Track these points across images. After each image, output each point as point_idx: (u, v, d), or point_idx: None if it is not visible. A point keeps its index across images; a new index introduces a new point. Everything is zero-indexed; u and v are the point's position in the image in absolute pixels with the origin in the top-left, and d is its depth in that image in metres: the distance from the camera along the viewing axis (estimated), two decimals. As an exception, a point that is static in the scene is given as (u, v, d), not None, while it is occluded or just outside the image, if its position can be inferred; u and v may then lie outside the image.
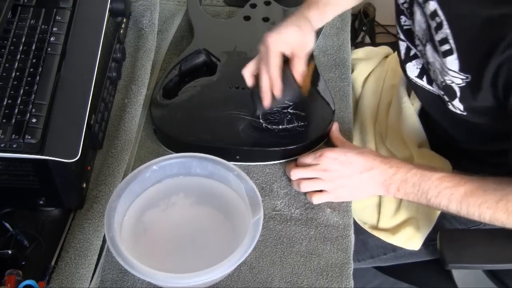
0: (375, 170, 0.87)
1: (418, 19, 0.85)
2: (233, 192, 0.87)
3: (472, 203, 0.82)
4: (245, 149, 0.95)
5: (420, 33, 0.86)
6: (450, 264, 0.89)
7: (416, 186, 0.84)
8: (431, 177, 0.84)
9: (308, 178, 0.91)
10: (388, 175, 0.86)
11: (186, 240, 0.85)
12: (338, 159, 0.88)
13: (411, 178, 0.85)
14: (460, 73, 0.80)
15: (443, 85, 0.85)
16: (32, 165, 0.79)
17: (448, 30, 0.80)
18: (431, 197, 0.84)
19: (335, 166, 0.88)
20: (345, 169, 0.88)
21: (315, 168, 0.89)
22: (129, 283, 0.84)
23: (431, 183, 0.83)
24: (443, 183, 0.83)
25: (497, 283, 1.02)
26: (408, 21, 0.92)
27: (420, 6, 0.84)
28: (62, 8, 0.91)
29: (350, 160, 0.88)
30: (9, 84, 0.83)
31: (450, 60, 0.81)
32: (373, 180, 0.87)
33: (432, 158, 1.00)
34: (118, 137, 0.96)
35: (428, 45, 0.85)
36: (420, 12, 0.84)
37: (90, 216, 0.86)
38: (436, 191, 0.83)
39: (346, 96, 1.07)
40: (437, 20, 0.81)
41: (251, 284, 0.84)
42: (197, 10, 1.17)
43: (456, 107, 0.86)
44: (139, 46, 1.08)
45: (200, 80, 1.03)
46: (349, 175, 0.88)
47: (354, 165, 0.88)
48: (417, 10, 0.85)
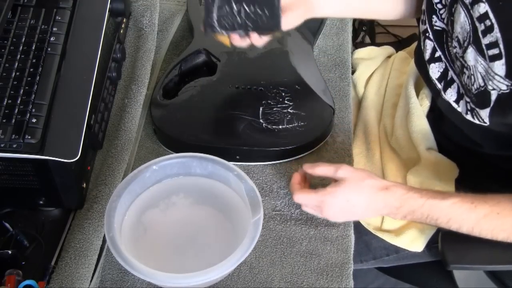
0: (379, 205, 0.85)
1: (462, 20, 0.82)
2: (233, 192, 0.87)
3: (485, 228, 0.81)
4: (245, 149, 0.95)
5: (462, 35, 0.83)
6: (451, 265, 0.89)
7: (424, 215, 0.83)
8: (440, 204, 0.82)
9: None
10: (394, 207, 0.84)
11: (186, 240, 0.85)
12: (340, 206, 0.85)
13: (419, 209, 0.83)
14: (506, 79, 0.79)
15: (478, 91, 0.83)
16: (32, 165, 0.79)
17: (499, 34, 0.77)
18: (440, 222, 0.83)
19: (337, 210, 0.86)
20: (347, 212, 0.87)
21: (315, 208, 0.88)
22: (129, 283, 0.84)
23: (440, 211, 0.82)
24: (454, 210, 0.82)
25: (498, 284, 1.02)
26: (439, 22, 0.90)
27: (467, 7, 0.81)
28: (62, 8, 0.91)
29: (352, 203, 0.85)
30: (9, 84, 0.83)
31: (497, 64, 0.78)
32: (377, 213, 0.88)
33: (439, 161, 0.99)
34: (118, 137, 0.96)
35: (470, 48, 0.82)
36: (465, 14, 0.82)
37: (90, 216, 0.86)
38: (446, 218, 0.82)
39: (346, 96, 1.07)
40: (487, 24, 0.78)
41: (251, 284, 0.84)
42: (197, 10, 1.17)
43: (480, 116, 0.85)
44: (139, 46, 1.08)
45: (200, 80, 1.03)
46: (352, 213, 0.87)
47: (357, 207, 0.85)
48: (462, 12, 0.82)
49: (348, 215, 0.88)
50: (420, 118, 1.02)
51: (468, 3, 0.81)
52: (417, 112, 1.02)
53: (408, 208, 0.83)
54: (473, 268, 0.96)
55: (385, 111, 1.11)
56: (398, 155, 1.05)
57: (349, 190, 0.84)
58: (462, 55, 0.85)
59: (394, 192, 0.84)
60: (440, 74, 0.92)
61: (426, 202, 0.82)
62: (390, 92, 1.13)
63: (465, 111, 0.88)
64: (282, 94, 1.00)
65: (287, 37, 1.10)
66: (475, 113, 0.85)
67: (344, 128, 1.02)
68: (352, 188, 0.84)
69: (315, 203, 0.86)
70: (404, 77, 1.13)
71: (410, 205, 0.83)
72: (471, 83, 0.84)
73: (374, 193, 0.84)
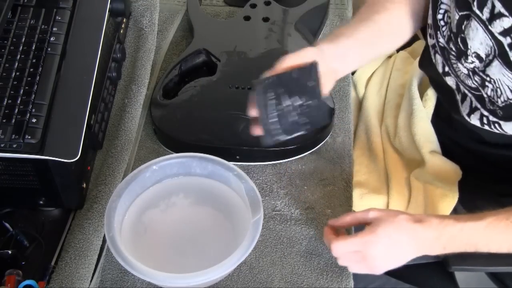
0: (420, 240, 0.80)
1: (481, 36, 0.80)
2: (233, 192, 0.87)
3: None
4: (245, 149, 0.95)
5: (484, 50, 0.81)
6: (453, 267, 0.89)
7: (464, 241, 0.79)
8: (477, 226, 0.78)
9: None
10: (434, 238, 0.79)
11: (186, 240, 0.85)
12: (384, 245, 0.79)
13: (459, 235, 0.79)
14: None
15: (505, 104, 0.81)
16: (32, 165, 0.79)
17: None
18: (481, 246, 0.79)
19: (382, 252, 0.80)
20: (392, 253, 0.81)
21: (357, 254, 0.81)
22: (129, 283, 0.84)
23: (478, 234, 0.78)
24: (492, 229, 0.78)
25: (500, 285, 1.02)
26: (442, 39, 0.88)
27: (484, 23, 0.79)
28: (62, 8, 0.91)
29: (394, 240, 0.79)
30: (9, 84, 0.83)
31: None
32: (417, 249, 0.81)
33: (442, 164, 0.99)
34: (118, 137, 0.96)
35: (495, 61, 0.80)
36: (484, 30, 0.79)
37: (90, 216, 0.86)
38: (486, 240, 0.79)
39: (346, 96, 1.07)
40: None
41: (251, 284, 0.84)
42: (197, 10, 1.17)
43: (502, 128, 0.84)
44: (139, 46, 1.08)
45: (200, 80, 1.03)
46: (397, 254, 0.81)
47: (399, 245, 0.80)
48: (479, 28, 0.80)
49: (393, 257, 0.81)
50: (423, 120, 1.01)
51: (485, 18, 0.78)
52: (421, 114, 1.02)
53: (447, 236, 0.79)
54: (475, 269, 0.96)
55: (386, 112, 1.11)
56: (401, 156, 1.05)
57: (388, 228, 0.79)
58: (483, 69, 0.82)
59: (430, 222, 0.79)
60: (455, 87, 0.91)
61: (464, 225, 0.78)
62: (391, 92, 1.13)
63: (479, 124, 0.87)
64: (282, 94, 1.00)
65: (287, 37, 1.10)
66: (496, 126, 0.85)
67: (344, 128, 1.02)
68: (390, 225, 0.79)
69: (356, 248, 0.80)
70: (406, 77, 1.12)
71: (448, 232, 0.79)
72: (497, 95, 0.82)
73: (411, 227, 0.79)
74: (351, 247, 0.80)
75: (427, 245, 0.80)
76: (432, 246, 0.80)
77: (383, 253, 0.79)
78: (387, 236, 0.79)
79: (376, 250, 0.79)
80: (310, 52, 0.84)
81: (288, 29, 1.11)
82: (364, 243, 0.79)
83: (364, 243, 0.79)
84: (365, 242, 0.79)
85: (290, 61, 0.82)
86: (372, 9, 0.92)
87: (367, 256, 0.79)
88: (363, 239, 0.79)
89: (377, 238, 0.78)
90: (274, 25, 1.12)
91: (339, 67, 0.87)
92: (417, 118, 1.01)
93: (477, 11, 0.79)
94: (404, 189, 1.01)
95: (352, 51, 0.88)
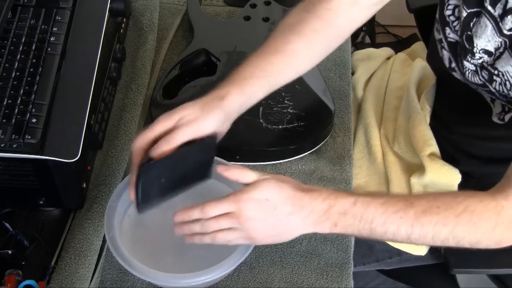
0: (305, 210, 0.71)
1: (489, 33, 0.79)
2: (233, 192, 0.87)
3: (426, 223, 0.70)
4: (245, 149, 0.95)
5: (494, 45, 0.80)
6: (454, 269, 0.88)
7: (357, 217, 0.71)
8: (372, 202, 0.71)
9: None
10: (322, 211, 0.71)
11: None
12: (261, 209, 0.71)
13: (351, 209, 0.71)
14: None
15: None
16: (32, 165, 0.79)
17: None
18: (376, 225, 0.71)
19: (255, 214, 0.71)
20: (267, 216, 0.71)
21: (231, 217, 0.71)
22: (129, 283, 0.84)
23: (375, 210, 0.71)
24: (389, 207, 0.71)
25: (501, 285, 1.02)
26: (453, 34, 0.87)
27: (495, 19, 0.79)
28: (62, 8, 0.91)
29: (273, 204, 0.71)
30: (9, 84, 0.83)
31: None
32: (303, 222, 0.72)
33: (442, 168, 0.98)
34: (118, 137, 0.96)
35: (505, 53, 0.79)
36: (493, 26, 0.79)
37: (90, 216, 0.86)
38: (382, 219, 0.71)
39: (346, 96, 1.07)
40: None
41: (251, 284, 0.84)
42: (197, 10, 1.17)
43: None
44: (139, 46, 1.08)
45: (200, 80, 1.03)
46: (276, 222, 0.72)
47: (280, 212, 0.71)
48: (489, 24, 0.79)
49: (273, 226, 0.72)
50: (421, 123, 1.00)
51: (497, 15, 0.78)
52: (419, 117, 1.01)
53: (339, 210, 0.71)
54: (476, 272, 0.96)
55: (385, 114, 1.10)
56: (401, 159, 1.04)
57: (269, 189, 0.71)
58: (492, 63, 0.81)
59: (319, 192, 0.72)
60: None
61: (358, 199, 0.71)
62: (390, 94, 1.13)
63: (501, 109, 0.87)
64: (282, 94, 1.00)
65: (287, 37, 1.10)
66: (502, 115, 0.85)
67: (344, 128, 1.02)
68: (272, 187, 0.71)
69: (229, 207, 0.70)
70: (405, 79, 1.12)
71: (340, 205, 0.71)
72: (507, 88, 0.81)
73: (297, 196, 0.71)
74: (225, 207, 0.71)
75: (314, 219, 0.71)
76: (321, 221, 0.71)
77: (261, 218, 0.71)
78: (266, 199, 0.70)
79: (252, 211, 0.70)
80: (209, 121, 0.74)
81: (288, 29, 1.11)
82: (238, 201, 0.70)
83: (237, 201, 0.70)
84: (239, 200, 0.70)
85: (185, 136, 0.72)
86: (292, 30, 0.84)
87: (241, 217, 0.70)
88: (237, 196, 0.70)
89: (254, 197, 0.70)
90: (274, 25, 1.11)
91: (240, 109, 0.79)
92: (415, 121, 1.01)
93: (489, 7, 0.78)
94: (404, 193, 1.01)
95: (258, 92, 0.80)
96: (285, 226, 0.73)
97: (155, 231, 0.85)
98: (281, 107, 0.98)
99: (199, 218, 0.73)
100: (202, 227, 0.73)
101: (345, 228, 0.72)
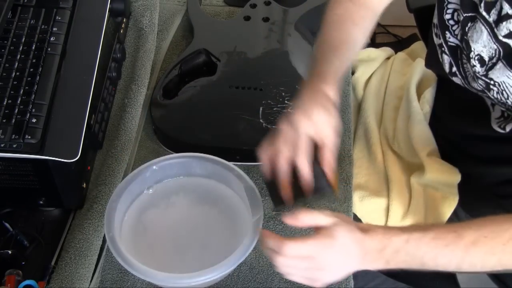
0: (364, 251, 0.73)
1: (485, 39, 0.79)
2: (233, 192, 0.87)
3: (476, 254, 0.72)
4: (245, 149, 0.95)
5: (488, 53, 0.80)
6: None
7: (409, 254, 0.73)
8: (424, 238, 0.73)
9: None
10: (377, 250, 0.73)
11: (186, 240, 0.85)
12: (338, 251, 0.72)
13: (404, 247, 0.72)
14: None
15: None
16: (32, 165, 0.79)
17: None
18: (427, 260, 0.73)
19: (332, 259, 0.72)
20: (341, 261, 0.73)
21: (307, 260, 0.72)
22: (129, 283, 0.84)
23: (426, 246, 0.72)
24: (439, 242, 0.73)
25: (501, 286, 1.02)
26: (453, 38, 0.87)
27: (490, 25, 0.78)
28: (62, 8, 0.91)
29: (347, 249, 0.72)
30: (9, 84, 0.83)
31: None
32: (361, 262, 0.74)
33: (441, 168, 0.98)
34: (118, 137, 0.96)
35: (499, 64, 0.79)
36: (488, 32, 0.79)
37: (90, 216, 0.86)
38: (434, 253, 0.73)
39: (346, 96, 1.07)
40: None
41: (251, 284, 0.84)
42: (197, 10, 1.17)
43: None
44: (139, 46, 1.08)
45: (200, 80, 1.03)
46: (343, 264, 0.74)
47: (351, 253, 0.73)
48: (484, 30, 0.79)
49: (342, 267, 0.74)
50: (421, 123, 1.00)
51: (492, 21, 0.78)
52: (418, 117, 1.01)
53: (392, 249, 0.72)
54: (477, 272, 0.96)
55: (385, 113, 1.10)
56: (400, 158, 1.04)
57: (344, 235, 0.72)
58: (484, 73, 0.81)
59: (375, 233, 0.73)
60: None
61: (410, 236, 0.73)
62: (390, 94, 1.13)
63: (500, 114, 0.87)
64: (282, 94, 1.00)
65: (287, 37, 1.10)
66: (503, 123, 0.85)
67: (344, 128, 1.02)
68: (346, 232, 0.72)
69: (311, 251, 0.71)
70: (405, 79, 1.12)
71: (394, 244, 0.72)
72: (505, 97, 0.81)
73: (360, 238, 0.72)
74: (305, 250, 0.71)
75: (369, 258, 0.73)
76: (375, 259, 0.73)
77: (336, 261, 0.72)
78: (343, 244, 0.72)
79: (331, 256, 0.72)
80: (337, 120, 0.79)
81: (288, 29, 1.11)
82: (321, 247, 0.71)
83: (320, 246, 0.71)
84: (322, 245, 0.71)
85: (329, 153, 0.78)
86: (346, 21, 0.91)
87: (319, 262, 0.72)
88: (321, 242, 0.71)
89: (334, 243, 0.71)
90: (274, 25, 1.12)
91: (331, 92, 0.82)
92: (415, 121, 1.01)
93: (484, 13, 0.78)
94: (404, 192, 1.01)
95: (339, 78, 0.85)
96: (349, 266, 0.74)
97: (155, 231, 0.85)
98: (281, 107, 0.98)
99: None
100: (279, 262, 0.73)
101: (397, 264, 0.74)
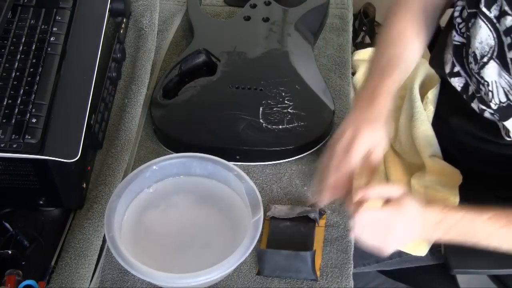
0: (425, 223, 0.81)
1: (483, 35, 0.80)
2: (233, 192, 0.87)
3: None
4: (245, 149, 0.95)
5: (481, 50, 0.81)
6: (455, 270, 0.88)
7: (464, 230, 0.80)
8: (478, 218, 0.79)
9: None
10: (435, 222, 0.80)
11: (186, 240, 0.85)
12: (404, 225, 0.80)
13: (459, 223, 0.80)
14: None
15: (499, 106, 0.82)
16: (32, 165, 0.79)
17: None
18: (480, 239, 0.80)
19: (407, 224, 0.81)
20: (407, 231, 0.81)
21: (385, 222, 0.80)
22: (129, 283, 0.84)
23: (479, 226, 0.79)
24: (494, 223, 0.79)
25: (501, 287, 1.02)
26: (458, 37, 0.88)
27: (491, 21, 0.79)
28: (62, 8, 0.91)
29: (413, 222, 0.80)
30: (9, 84, 0.83)
31: None
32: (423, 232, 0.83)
33: (443, 168, 0.98)
34: (118, 137, 0.96)
35: (492, 63, 0.80)
36: (489, 28, 0.79)
37: (90, 216, 0.86)
38: (486, 233, 0.80)
39: (346, 96, 1.07)
40: None
41: (251, 284, 0.84)
42: (197, 10, 1.17)
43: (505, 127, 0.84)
44: (139, 46, 1.08)
45: (200, 80, 1.03)
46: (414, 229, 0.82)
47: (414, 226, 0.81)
48: (483, 26, 0.80)
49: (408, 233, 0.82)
50: (424, 123, 1.00)
51: (493, 16, 0.78)
52: (421, 117, 1.01)
53: (449, 222, 0.80)
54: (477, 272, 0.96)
55: None
56: (402, 159, 1.04)
57: (412, 204, 0.79)
58: (477, 71, 0.82)
59: (433, 207, 0.81)
60: (461, 88, 0.91)
61: (466, 214, 0.79)
62: None
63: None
64: (282, 94, 1.00)
65: (287, 37, 1.10)
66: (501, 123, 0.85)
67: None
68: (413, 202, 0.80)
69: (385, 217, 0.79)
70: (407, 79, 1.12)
71: (450, 218, 0.80)
72: (489, 99, 0.82)
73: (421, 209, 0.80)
74: (380, 216, 0.80)
75: (430, 228, 0.81)
76: (433, 230, 0.81)
77: (404, 227, 0.80)
78: (411, 212, 0.79)
79: (401, 222, 0.79)
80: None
81: (288, 29, 1.11)
82: (394, 213, 0.79)
83: (394, 213, 0.79)
84: (395, 212, 0.79)
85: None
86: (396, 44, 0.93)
87: (390, 227, 0.79)
88: (394, 209, 0.79)
89: (405, 211, 0.79)
90: (274, 25, 1.12)
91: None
92: (418, 122, 1.01)
93: (484, 9, 0.78)
94: None
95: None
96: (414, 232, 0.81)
97: (155, 231, 0.85)
98: (281, 107, 0.98)
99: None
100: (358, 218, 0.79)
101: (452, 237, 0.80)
